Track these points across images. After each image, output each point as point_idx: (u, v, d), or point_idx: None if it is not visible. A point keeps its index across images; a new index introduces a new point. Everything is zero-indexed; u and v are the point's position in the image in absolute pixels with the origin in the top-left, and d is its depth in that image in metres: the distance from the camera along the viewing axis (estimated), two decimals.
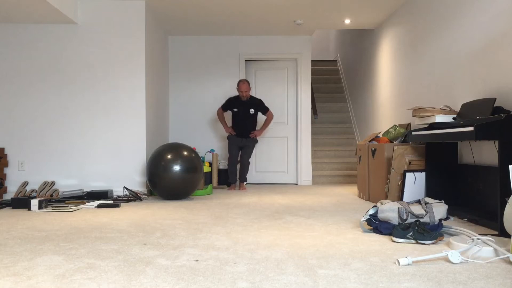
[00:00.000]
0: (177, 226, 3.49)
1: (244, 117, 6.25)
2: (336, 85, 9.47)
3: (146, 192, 5.63)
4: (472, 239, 2.60)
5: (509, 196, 2.80)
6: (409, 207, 3.09)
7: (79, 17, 5.68)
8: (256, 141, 6.39)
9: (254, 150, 6.67)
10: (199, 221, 3.69)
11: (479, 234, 2.85)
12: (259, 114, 6.88)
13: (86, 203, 4.66)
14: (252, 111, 6.26)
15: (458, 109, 4.25)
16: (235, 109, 6.26)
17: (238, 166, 6.60)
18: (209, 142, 7.29)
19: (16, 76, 5.67)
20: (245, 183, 6.53)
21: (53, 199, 4.95)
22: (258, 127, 6.94)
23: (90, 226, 3.50)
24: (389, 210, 3.09)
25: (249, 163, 6.38)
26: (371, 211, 3.20)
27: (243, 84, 6.22)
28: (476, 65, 3.96)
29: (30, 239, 3.00)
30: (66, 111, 5.67)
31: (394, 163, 4.45)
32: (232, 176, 6.35)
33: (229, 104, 6.33)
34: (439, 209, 3.09)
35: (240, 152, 6.34)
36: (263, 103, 6.38)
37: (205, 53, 7.30)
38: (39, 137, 5.66)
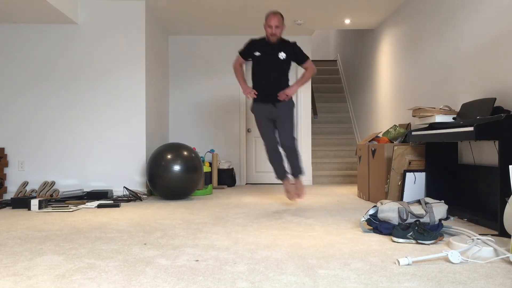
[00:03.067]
0: (177, 226, 3.49)
1: (269, 67, 4.24)
2: (336, 85, 9.47)
3: (146, 192, 5.63)
4: (472, 239, 2.60)
5: (509, 196, 2.80)
6: (409, 207, 3.09)
7: (79, 17, 5.68)
8: (292, 105, 4.30)
9: (292, 125, 4.30)
10: (199, 221, 3.69)
11: (479, 234, 2.85)
12: (293, 69, 4.93)
13: (86, 203, 4.66)
14: (282, 56, 4.24)
15: (458, 109, 4.25)
16: (258, 53, 4.29)
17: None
18: (209, 142, 7.29)
19: (16, 76, 5.67)
20: (301, 176, 4.49)
21: (53, 199, 4.95)
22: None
23: (90, 226, 3.50)
24: (389, 210, 3.09)
25: (295, 146, 4.27)
26: (371, 211, 3.20)
27: (273, 17, 4.20)
28: (476, 65, 3.96)
29: (30, 239, 3.00)
30: (66, 111, 5.67)
31: (394, 163, 4.45)
32: (278, 168, 4.37)
33: (250, 46, 4.36)
34: (439, 209, 3.09)
35: (275, 129, 4.40)
36: (300, 48, 4.36)
37: (205, 53, 7.30)
38: (39, 137, 5.66)
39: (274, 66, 4.25)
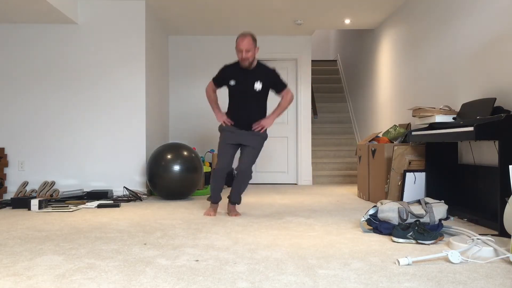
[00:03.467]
0: (177, 226, 3.49)
1: (245, 96, 3.94)
2: (336, 85, 9.47)
3: (146, 192, 5.63)
4: (472, 239, 2.60)
5: (509, 196, 2.80)
6: (409, 207, 3.09)
7: (79, 17, 5.68)
8: (264, 138, 4.02)
9: (257, 154, 4.02)
10: (199, 221, 3.69)
11: (479, 234, 2.85)
12: (271, 95, 4.30)
13: (86, 203, 4.66)
14: (258, 86, 3.91)
15: (458, 109, 4.25)
16: (232, 82, 3.97)
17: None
18: (209, 142, 7.28)
19: (16, 76, 5.67)
20: (236, 205, 4.25)
21: (53, 199, 4.95)
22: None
23: (90, 226, 3.50)
24: (389, 210, 3.09)
25: (250, 174, 3.97)
26: (371, 211, 3.20)
27: (242, 39, 3.84)
28: (476, 65, 3.96)
29: (30, 239, 3.00)
30: (66, 111, 5.67)
31: (394, 163, 4.45)
32: (215, 192, 4.02)
33: (224, 74, 4.03)
34: (439, 209, 3.09)
35: (235, 155, 4.11)
36: (278, 76, 4.02)
37: (205, 53, 7.30)
38: (39, 137, 5.66)
39: (250, 97, 3.94)
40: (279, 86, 4.02)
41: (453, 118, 3.85)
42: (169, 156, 5.04)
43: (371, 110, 7.19)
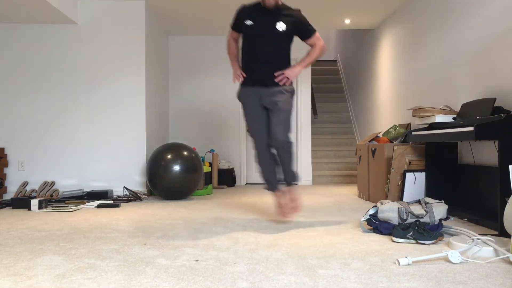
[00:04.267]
0: (177, 226, 3.49)
1: (263, 40, 3.27)
2: (336, 85, 9.47)
3: (146, 192, 5.63)
4: (472, 239, 2.60)
5: (509, 196, 2.80)
6: (409, 207, 3.09)
7: (79, 17, 5.68)
8: (292, 92, 3.33)
9: (289, 116, 3.31)
10: (199, 221, 3.69)
11: (479, 234, 2.85)
12: (296, 44, 3.76)
13: (86, 203, 4.66)
14: (281, 27, 3.27)
15: (458, 109, 4.25)
16: (249, 22, 3.32)
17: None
18: (209, 142, 7.28)
19: (16, 76, 5.66)
20: (294, 185, 3.48)
21: (53, 199, 4.95)
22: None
23: (90, 226, 3.50)
24: (389, 210, 3.09)
25: (289, 146, 3.29)
26: (371, 211, 3.20)
27: None
28: (476, 65, 3.96)
29: (30, 239, 3.00)
30: (66, 111, 5.67)
31: (394, 163, 4.45)
32: (270, 175, 3.43)
33: (240, 14, 3.41)
34: (439, 209, 3.09)
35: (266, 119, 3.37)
36: (304, 19, 3.38)
37: (205, 53, 7.30)
38: (39, 137, 5.66)
39: (270, 39, 3.23)
40: (308, 30, 3.33)
41: (453, 118, 3.85)
42: (169, 156, 5.04)
43: (371, 110, 7.19)
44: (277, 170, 3.40)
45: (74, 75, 5.68)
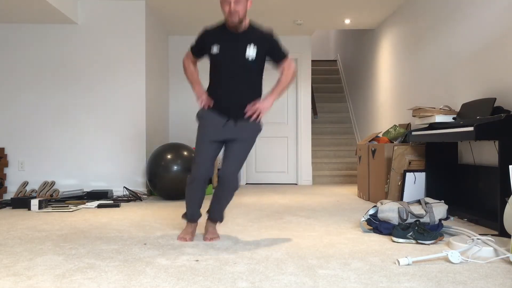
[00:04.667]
0: (177, 226, 3.49)
1: (233, 69, 2.90)
2: (336, 85, 9.47)
3: (146, 192, 5.63)
4: (472, 239, 2.60)
5: (509, 196, 2.80)
6: (409, 207, 3.09)
7: (79, 17, 5.68)
8: (258, 129, 2.98)
9: (246, 155, 2.95)
10: (199, 221, 3.69)
11: (479, 234, 2.85)
12: (267, 69, 3.34)
13: (86, 203, 4.66)
14: (251, 52, 2.89)
15: (458, 109, 4.25)
16: (215, 49, 2.93)
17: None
18: None
19: (16, 76, 5.66)
20: (218, 223, 3.14)
21: (53, 199, 4.95)
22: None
23: (90, 226, 3.50)
24: (389, 210, 3.09)
25: (236, 183, 2.91)
26: (371, 211, 3.20)
27: None
28: (476, 65, 3.96)
29: (30, 239, 3.00)
30: (66, 111, 5.67)
31: (394, 163, 4.45)
32: (192, 206, 3.02)
33: (204, 39, 2.99)
34: (439, 209, 3.09)
35: (218, 155, 3.00)
36: (277, 40, 2.97)
37: None
38: (39, 137, 5.66)
39: (240, 69, 2.87)
40: (279, 53, 2.94)
41: (453, 118, 3.85)
42: (169, 156, 5.04)
43: (371, 110, 7.19)
44: (201, 202, 3.02)
45: (74, 75, 5.68)
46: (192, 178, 2.90)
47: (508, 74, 3.49)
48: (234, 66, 2.88)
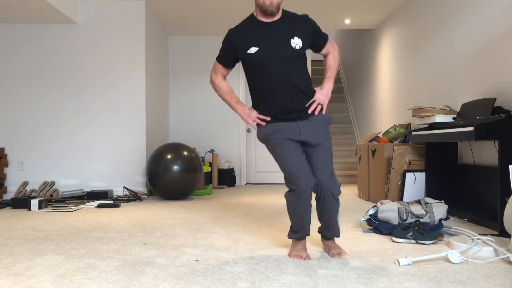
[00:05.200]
0: (177, 226, 3.49)
1: (280, 66, 2.49)
2: (336, 85, 9.46)
3: (146, 192, 5.63)
4: (472, 239, 2.60)
5: (509, 196, 2.80)
6: (409, 207, 3.09)
7: (79, 17, 5.68)
8: (328, 121, 2.64)
9: (331, 152, 2.59)
10: (199, 221, 3.69)
11: (479, 234, 2.85)
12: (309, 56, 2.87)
13: (86, 203, 4.66)
14: (297, 43, 2.50)
15: (458, 109, 4.25)
16: (253, 49, 2.50)
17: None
18: (209, 142, 7.28)
19: (16, 76, 5.66)
20: (336, 238, 2.74)
21: (53, 199, 4.95)
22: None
23: (90, 226, 3.50)
24: (389, 210, 3.09)
25: (337, 188, 2.53)
26: (371, 211, 3.20)
27: None
28: (476, 65, 3.96)
29: (30, 239, 3.00)
30: (66, 111, 5.67)
31: (394, 163, 4.45)
32: (305, 222, 2.56)
33: (234, 41, 2.54)
34: (439, 209, 3.09)
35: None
36: (316, 23, 2.64)
37: (205, 53, 7.29)
38: (39, 137, 5.66)
39: (289, 61, 2.46)
40: (321, 36, 2.60)
41: (453, 118, 3.85)
42: (169, 156, 5.04)
43: (371, 110, 7.19)
44: (308, 215, 2.56)
45: (74, 75, 5.67)
46: (296, 194, 2.41)
47: (508, 74, 3.48)
48: (281, 61, 2.45)
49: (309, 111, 2.51)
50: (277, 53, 2.45)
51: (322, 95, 2.55)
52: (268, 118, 2.50)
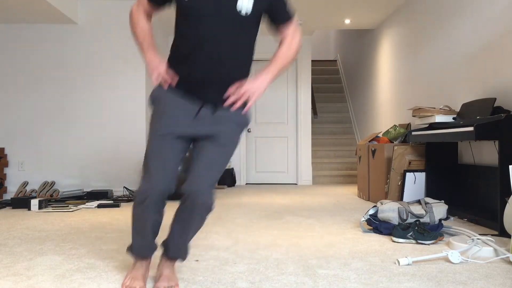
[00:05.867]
0: None
1: (216, 26, 1.88)
2: (336, 85, 9.47)
3: None
4: (472, 239, 2.60)
5: (509, 196, 2.80)
6: (409, 207, 3.09)
7: (79, 17, 5.68)
8: (244, 124, 2.02)
9: (226, 161, 1.99)
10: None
11: (479, 234, 2.85)
12: (262, 34, 2.63)
13: (86, 203, 4.66)
14: (245, 3, 1.88)
15: (458, 109, 4.25)
16: None
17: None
18: None
19: (16, 76, 5.66)
20: (177, 261, 2.12)
21: (53, 199, 4.95)
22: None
23: (90, 226, 3.50)
24: (389, 210, 3.09)
25: (210, 204, 1.94)
26: (371, 211, 3.20)
27: None
28: (476, 65, 3.96)
29: (30, 239, 3.00)
30: (66, 111, 5.67)
31: (394, 163, 4.45)
32: (144, 237, 2.03)
33: None
34: (439, 209, 3.09)
35: (181, 159, 2.11)
36: None
37: None
38: (39, 137, 5.66)
39: (227, 25, 1.89)
40: (283, 12, 1.98)
41: (453, 118, 3.85)
42: None
43: (371, 110, 7.19)
44: (157, 231, 2.05)
45: (74, 75, 5.68)
46: (142, 195, 1.91)
47: (508, 74, 3.48)
48: (217, 22, 1.88)
49: (226, 100, 1.91)
50: (214, 11, 1.87)
51: (254, 85, 1.90)
52: (176, 79, 1.93)
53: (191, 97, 1.92)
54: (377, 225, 3.13)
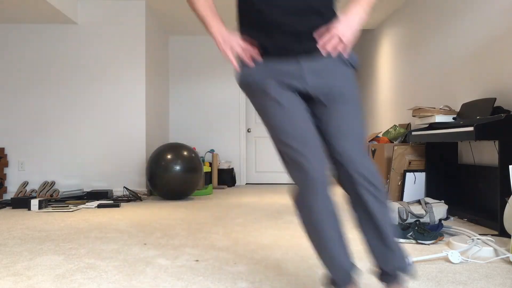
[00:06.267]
0: (177, 226, 3.49)
1: None
2: None
3: (146, 192, 5.62)
4: (472, 239, 2.60)
5: (509, 196, 2.80)
6: (409, 207, 3.09)
7: (79, 17, 5.68)
8: (353, 64, 1.54)
9: (361, 114, 1.50)
10: (199, 221, 3.69)
11: (479, 234, 2.85)
12: None
13: (86, 203, 4.66)
14: None
15: (458, 109, 4.25)
16: None
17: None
18: (209, 142, 7.28)
19: (16, 76, 5.66)
20: (404, 275, 1.52)
21: (53, 199, 4.95)
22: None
23: (90, 226, 3.50)
24: None
25: (376, 172, 1.49)
26: None
27: None
28: (476, 65, 3.96)
29: (30, 239, 3.00)
30: (66, 111, 5.67)
31: (394, 163, 4.45)
32: (331, 247, 1.47)
33: None
34: (439, 209, 3.09)
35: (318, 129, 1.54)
36: None
37: (205, 53, 7.29)
38: (39, 137, 5.66)
39: None
40: None
41: (453, 118, 3.85)
42: (169, 156, 5.04)
43: (371, 110, 7.19)
44: (344, 238, 1.55)
45: (74, 75, 5.68)
46: (305, 191, 1.50)
47: (508, 74, 3.48)
48: None
49: (319, 43, 1.48)
50: None
51: (345, 25, 1.48)
52: (257, 48, 1.54)
53: (282, 52, 1.51)
54: None
